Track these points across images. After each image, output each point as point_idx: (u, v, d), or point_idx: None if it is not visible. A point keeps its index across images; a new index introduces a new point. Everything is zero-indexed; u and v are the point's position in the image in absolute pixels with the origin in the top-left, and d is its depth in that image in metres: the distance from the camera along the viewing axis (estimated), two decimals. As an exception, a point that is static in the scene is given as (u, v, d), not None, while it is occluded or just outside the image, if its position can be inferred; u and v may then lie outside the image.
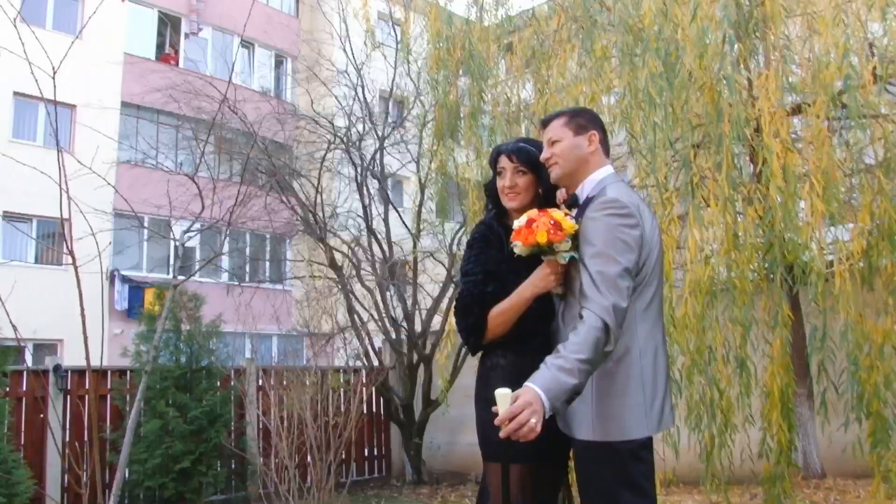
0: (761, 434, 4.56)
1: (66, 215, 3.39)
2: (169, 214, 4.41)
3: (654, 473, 2.53)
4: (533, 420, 2.21)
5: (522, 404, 2.23)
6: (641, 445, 2.47)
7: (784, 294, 4.36)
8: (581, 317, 2.39)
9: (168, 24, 20.92)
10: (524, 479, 2.64)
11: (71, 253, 3.53)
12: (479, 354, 2.90)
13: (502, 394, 2.31)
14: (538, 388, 2.26)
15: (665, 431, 4.55)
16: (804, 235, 4.20)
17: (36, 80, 3.61)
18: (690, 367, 4.52)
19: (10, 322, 3.54)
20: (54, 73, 3.13)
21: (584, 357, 2.30)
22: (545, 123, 2.75)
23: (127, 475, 7.82)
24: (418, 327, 10.37)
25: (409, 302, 10.33)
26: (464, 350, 9.27)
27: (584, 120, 2.71)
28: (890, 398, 4.39)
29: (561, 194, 2.83)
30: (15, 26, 3.68)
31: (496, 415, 2.35)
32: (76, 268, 3.59)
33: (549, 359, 2.35)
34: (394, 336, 10.24)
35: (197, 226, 4.63)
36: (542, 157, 2.72)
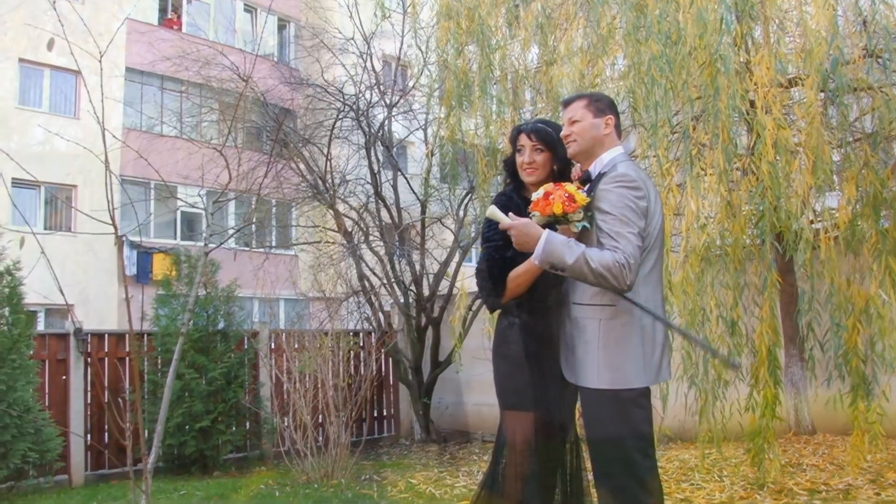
0: (749, 390, 4.88)
1: (109, 188, 3.65)
2: (201, 184, 4.65)
3: (652, 419, 2.86)
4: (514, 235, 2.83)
5: (522, 225, 2.82)
6: (641, 394, 2.80)
7: (773, 260, 4.64)
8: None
9: (170, -12, 20.89)
10: (535, 424, 2.97)
11: (113, 222, 3.79)
12: (495, 316, 3.23)
13: (492, 211, 2.91)
14: (546, 232, 2.77)
15: (660, 388, 4.89)
16: (793, 206, 4.48)
17: (74, 56, 3.82)
18: (686, 327, 4.84)
19: (59, 288, 3.82)
20: (101, 56, 3.38)
21: (592, 261, 2.67)
22: (567, 104, 3.06)
23: (147, 434, 8.20)
24: (426, 291, 10.65)
25: (418, 266, 10.60)
26: (471, 313, 9.58)
27: (603, 105, 3.01)
28: (873, 357, 4.70)
29: (576, 171, 3.14)
30: (55, 8, 3.91)
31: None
32: (118, 237, 3.87)
33: (573, 241, 2.77)
34: (402, 300, 10.53)
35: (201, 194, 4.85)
36: (563, 133, 3.02)
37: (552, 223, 2.88)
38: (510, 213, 2.89)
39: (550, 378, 2.95)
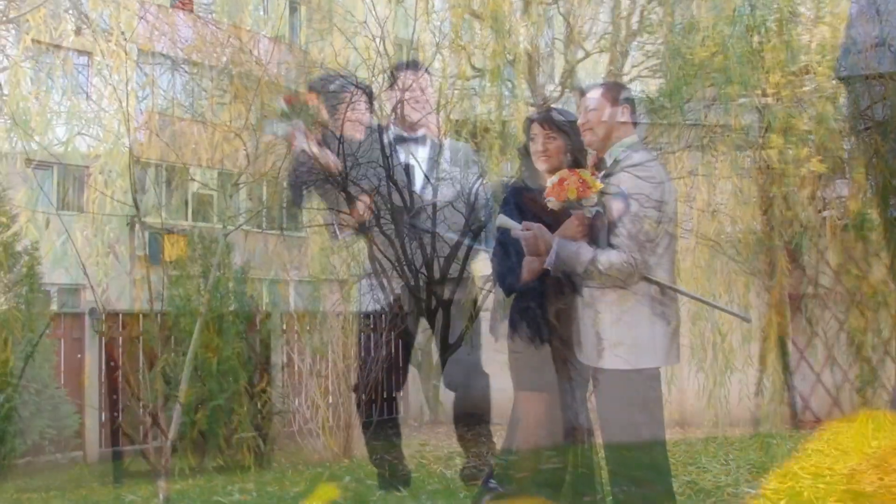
0: (758, 375, 4.95)
1: (133, 170, 3.73)
2: (221, 167, 4.72)
3: (661, 400, 2.95)
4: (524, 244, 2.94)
5: (532, 237, 2.92)
6: (651, 375, 2.90)
7: (782, 248, 4.70)
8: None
9: (180, -32, 20.81)
10: (548, 406, 3.05)
11: (135, 204, 3.87)
12: (509, 300, 3.30)
13: (503, 220, 3.03)
14: (556, 242, 2.88)
15: (667, 374, 4.95)
16: (803, 194, 4.53)
17: (95, 39, 3.88)
18: (696, 313, 4.91)
19: (84, 270, 3.90)
20: (126, 42, 3.44)
21: (600, 266, 2.83)
22: (584, 92, 3.16)
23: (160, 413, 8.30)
24: (437, 274, 10.67)
25: (428, 249, 10.63)
26: (482, 297, 9.62)
27: (619, 94, 3.10)
28: (879, 344, 4.76)
29: (592, 158, 3.20)
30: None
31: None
32: (140, 220, 3.96)
33: (584, 245, 2.88)
34: (413, 282, 10.57)
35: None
36: (580, 121, 3.10)
37: (566, 208, 2.96)
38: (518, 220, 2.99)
39: (564, 360, 3.02)
